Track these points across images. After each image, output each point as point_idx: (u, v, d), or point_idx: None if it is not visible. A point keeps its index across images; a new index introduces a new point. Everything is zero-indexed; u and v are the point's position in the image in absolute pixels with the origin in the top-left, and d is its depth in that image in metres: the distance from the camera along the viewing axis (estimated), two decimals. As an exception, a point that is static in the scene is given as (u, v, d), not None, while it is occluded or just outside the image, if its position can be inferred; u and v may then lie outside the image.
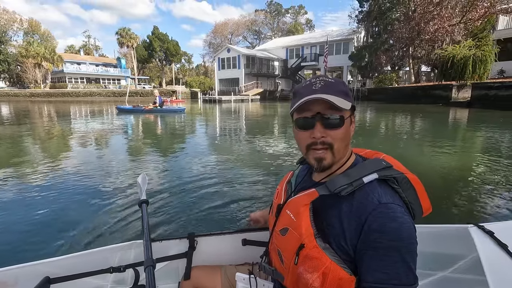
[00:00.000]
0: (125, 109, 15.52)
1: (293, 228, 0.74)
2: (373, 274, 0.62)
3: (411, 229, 0.64)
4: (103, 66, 50.84)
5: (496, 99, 15.36)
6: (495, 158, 5.00)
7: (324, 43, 31.59)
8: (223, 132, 9.33)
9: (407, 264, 0.61)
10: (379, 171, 0.71)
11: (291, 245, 0.73)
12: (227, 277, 1.07)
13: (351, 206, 0.69)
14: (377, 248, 0.62)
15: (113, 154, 5.63)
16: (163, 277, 1.23)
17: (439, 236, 1.23)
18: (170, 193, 3.32)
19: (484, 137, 7.58)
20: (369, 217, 0.65)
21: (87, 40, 68.84)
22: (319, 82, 0.74)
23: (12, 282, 1.00)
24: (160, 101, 15.41)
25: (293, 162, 5.05)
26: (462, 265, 1.15)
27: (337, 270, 0.66)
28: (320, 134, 0.72)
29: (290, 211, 0.77)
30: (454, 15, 22.08)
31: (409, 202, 0.72)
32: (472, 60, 17.48)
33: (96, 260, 1.12)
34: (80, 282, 1.09)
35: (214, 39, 59.30)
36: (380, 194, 0.67)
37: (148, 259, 0.91)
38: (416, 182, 0.74)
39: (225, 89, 35.53)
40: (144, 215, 1.16)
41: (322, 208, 0.74)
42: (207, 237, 1.26)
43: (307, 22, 62.12)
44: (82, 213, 2.78)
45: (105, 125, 10.67)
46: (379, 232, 0.63)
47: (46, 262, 1.06)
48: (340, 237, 0.68)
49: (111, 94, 39.13)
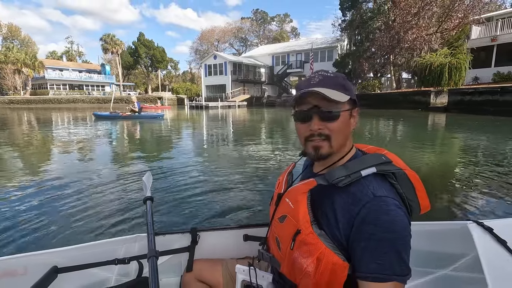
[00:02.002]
0: (102, 116, 15.37)
1: (291, 215, 0.76)
2: (367, 264, 0.64)
3: (404, 222, 0.65)
4: (87, 72, 49.79)
5: (471, 104, 16.21)
6: (472, 158, 5.32)
7: (309, 51, 32.39)
8: (222, 133, 9.41)
9: (399, 255, 0.62)
10: (377, 165, 0.72)
11: (288, 231, 0.75)
12: (228, 269, 1.09)
13: (347, 197, 0.70)
14: (370, 240, 0.64)
15: (115, 158, 5.61)
16: (166, 270, 1.26)
17: (439, 233, 1.22)
18: (173, 191, 3.48)
19: (466, 138, 8.01)
20: (362, 209, 0.66)
21: (70, 46, 67.38)
22: (317, 76, 0.76)
23: (21, 270, 1.03)
24: (138, 107, 15.31)
25: (290, 158, 5.27)
26: (462, 263, 1.14)
27: (331, 256, 0.67)
28: (317, 127, 0.74)
29: (289, 199, 0.79)
30: (431, 25, 23.19)
31: (407, 198, 0.73)
32: (448, 68, 18.42)
33: (101, 252, 1.15)
34: (86, 272, 1.12)
35: (200, 46, 59.40)
36: (375, 187, 0.69)
37: (151, 250, 0.93)
38: (415, 179, 0.75)
39: (212, 96, 35.55)
40: (148, 211, 1.18)
41: (319, 198, 0.76)
42: (209, 232, 1.28)
43: (293, 30, 63.35)
44: (90, 209, 2.92)
45: (87, 132, 10.52)
46: (372, 224, 0.64)
47: (54, 251, 1.09)
48: (334, 227, 0.70)
49: (95, 101, 38.33)
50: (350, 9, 29.53)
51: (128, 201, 3.14)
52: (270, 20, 60.85)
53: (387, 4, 25.25)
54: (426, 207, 0.77)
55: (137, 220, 2.67)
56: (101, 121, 14.21)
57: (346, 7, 29.86)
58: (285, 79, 38.16)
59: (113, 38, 45.98)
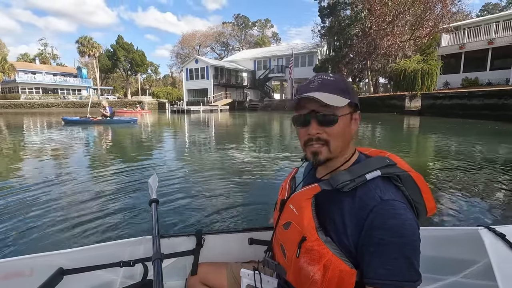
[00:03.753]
0: (72, 121, 14.82)
1: (295, 222, 0.74)
2: (375, 270, 0.62)
3: (413, 226, 0.64)
4: (62, 75, 47.95)
5: (442, 108, 17.13)
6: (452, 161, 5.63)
7: (290, 56, 32.96)
8: (223, 135, 9.34)
9: (409, 260, 0.61)
10: (382, 168, 0.71)
11: (293, 238, 0.74)
12: (232, 273, 1.08)
13: (353, 202, 0.68)
14: (379, 245, 0.62)
15: (116, 160, 5.44)
16: (171, 273, 1.25)
17: (449, 238, 1.20)
18: (178, 194, 3.52)
19: (444, 141, 8.45)
20: (370, 213, 0.64)
21: (44, 48, 64.61)
22: (316, 81, 0.75)
23: (28, 271, 1.03)
24: (110, 112, 14.90)
25: (294, 161, 5.39)
26: (474, 270, 1.12)
27: (338, 263, 0.66)
28: (315, 131, 0.73)
29: (293, 205, 0.77)
30: (405, 32, 24.36)
31: (413, 201, 0.72)
32: (421, 73, 19.42)
33: (107, 254, 1.15)
34: (91, 274, 1.12)
35: (181, 50, 58.84)
36: (382, 191, 0.67)
37: (157, 253, 0.93)
38: (421, 180, 0.74)
39: (194, 100, 35.24)
40: (154, 213, 1.18)
41: (324, 204, 0.74)
42: (214, 235, 1.27)
43: (274, 35, 64.25)
44: (96, 211, 2.97)
45: (60, 137, 10.14)
46: (380, 229, 0.62)
47: (61, 253, 1.09)
48: (341, 233, 0.68)
49: (71, 105, 36.87)
50: (328, 16, 30.45)
51: (132, 204, 3.18)
52: (252, 25, 61.41)
53: (364, 12, 26.28)
54: (432, 209, 0.76)
55: (142, 222, 2.70)
56: (71, 126, 13.58)
57: (325, 14, 30.77)
58: (267, 83, 38.57)
59: (90, 40, 44.59)
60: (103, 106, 15.04)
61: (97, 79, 48.27)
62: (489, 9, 47.15)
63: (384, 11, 23.33)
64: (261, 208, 3.02)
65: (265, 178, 4.34)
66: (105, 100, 16.52)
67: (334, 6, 29.34)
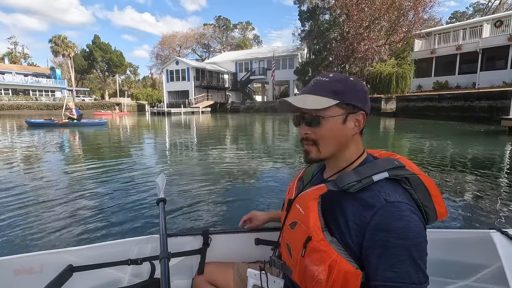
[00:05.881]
0: (36, 123, 14.22)
1: (301, 221, 0.75)
2: (382, 273, 0.61)
3: (419, 227, 0.63)
4: (34, 76, 45.64)
5: (415, 109, 18.00)
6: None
7: (271, 58, 33.32)
8: (213, 136, 9.25)
9: (415, 262, 0.60)
10: (390, 170, 0.70)
11: (299, 238, 0.74)
12: (239, 273, 1.08)
13: (359, 204, 0.68)
14: (385, 247, 0.61)
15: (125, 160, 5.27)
16: (178, 272, 1.26)
17: (460, 242, 1.17)
18: (185, 193, 3.59)
19: (413, 141, 8.85)
20: (375, 215, 0.64)
21: (13, 47, 61.39)
22: (312, 82, 0.77)
23: (38, 268, 1.05)
24: (77, 114, 14.37)
25: (302, 162, 5.49)
26: (486, 274, 1.09)
27: (343, 264, 0.65)
28: (303, 131, 0.76)
29: (299, 205, 0.78)
30: (380, 37, 25.36)
31: (422, 205, 0.70)
32: (395, 77, 20.28)
33: (115, 252, 1.16)
34: (100, 271, 1.13)
35: (161, 51, 57.82)
36: (388, 193, 0.66)
37: (164, 252, 0.94)
38: (430, 183, 0.73)
39: (175, 102, 34.75)
40: (161, 212, 1.19)
41: (330, 204, 0.74)
42: (221, 235, 1.28)
43: (255, 37, 64.68)
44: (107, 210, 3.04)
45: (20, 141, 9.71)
46: (385, 231, 0.62)
47: (70, 250, 1.11)
48: (346, 234, 0.68)
49: (44, 107, 35.25)
50: (308, 20, 31.12)
51: (139, 203, 3.23)
52: (233, 27, 61.51)
53: (342, 17, 27.12)
54: (443, 214, 0.74)
55: (150, 221, 2.75)
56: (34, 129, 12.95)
57: (305, 18, 31.42)
58: (249, 85, 38.74)
59: (65, 40, 42.94)
60: (70, 108, 14.46)
61: (72, 80, 46.53)
62: (458, 16, 49.96)
63: (361, 17, 24.21)
64: (268, 208, 3.05)
65: (271, 178, 4.41)
66: (72, 102, 15.91)
67: (313, 10, 30.05)
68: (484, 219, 2.77)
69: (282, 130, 13.80)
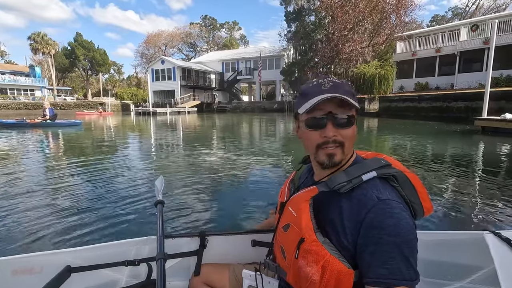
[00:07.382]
0: (6, 124, 13.59)
1: (294, 224, 0.76)
2: (374, 269, 0.63)
3: (410, 225, 0.65)
4: (12, 74, 43.74)
5: (396, 110, 18.56)
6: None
7: (258, 58, 33.44)
8: (208, 137, 9.18)
9: (407, 259, 0.62)
10: (378, 169, 0.72)
11: (292, 240, 0.75)
12: (235, 274, 1.10)
13: (351, 203, 0.70)
14: (377, 244, 0.63)
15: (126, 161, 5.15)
16: (175, 273, 1.27)
17: (454, 243, 1.19)
18: (182, 195, 3.60)
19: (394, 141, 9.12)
20: (368, 213, 0.66)
21: (-11, 44, 58.73)
22: (327, 83, 0.75)
23: (36, 268, 1.07)
24: (51, 114, 13.76)
25: (293, 163, 5.57)
26: (479, 276, 1.09)
27: (336, 264, 0.66)
28: (332, 133, 0.72)
29: (291, 208, 0.79)
30: (364, 39, 25.96)
31: (410, 201, 0.72)
32: (378, 78, 20.83)
33: (113, 253, 1.17)
34: (98, 272, 1.14)
35: (147, 50, 56.86)
36: (379, 191, 0.68)
37: (160, 253, 0.95)
38: (416, 180, 0.75)
39: (160, 101, 34.28)
40: (159, 214, 1.20)
41: (323, 205, 0.76)
42: (217, 236, 1.29)
43: (242, 37, 64.62)
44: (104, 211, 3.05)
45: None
46: (378, 228, 0.64)
47: (68, 251, 1.13)
48: (340, 234, 0.69)
49: (23, 107, 33.92)
50: (294, 21, 31.43)
51: (137, 205, 3.23)
52: (220, 27, 61.22)
53: (327, 19, 27.56)
54: (429, 209, 0.76)
55: (147, 222, 2.76)
56: (4, 130, 12.31)
57: (291, 19, 31.72)
58: (235, 85, 38.73)
59: (45, 37, 41.55)
60: (43, 107, 13.88)
61: (53, 78, 45.08)
62: (438, 20, 51.74)
63: (345, 19, 24.68)
64: (264, 210, 3.07)
65: (269, 180, 4.45)
66: (46, 101, 15.27)
67: (299, 12, 30.40)
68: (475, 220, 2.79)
69: (269, 131, 13.94)
